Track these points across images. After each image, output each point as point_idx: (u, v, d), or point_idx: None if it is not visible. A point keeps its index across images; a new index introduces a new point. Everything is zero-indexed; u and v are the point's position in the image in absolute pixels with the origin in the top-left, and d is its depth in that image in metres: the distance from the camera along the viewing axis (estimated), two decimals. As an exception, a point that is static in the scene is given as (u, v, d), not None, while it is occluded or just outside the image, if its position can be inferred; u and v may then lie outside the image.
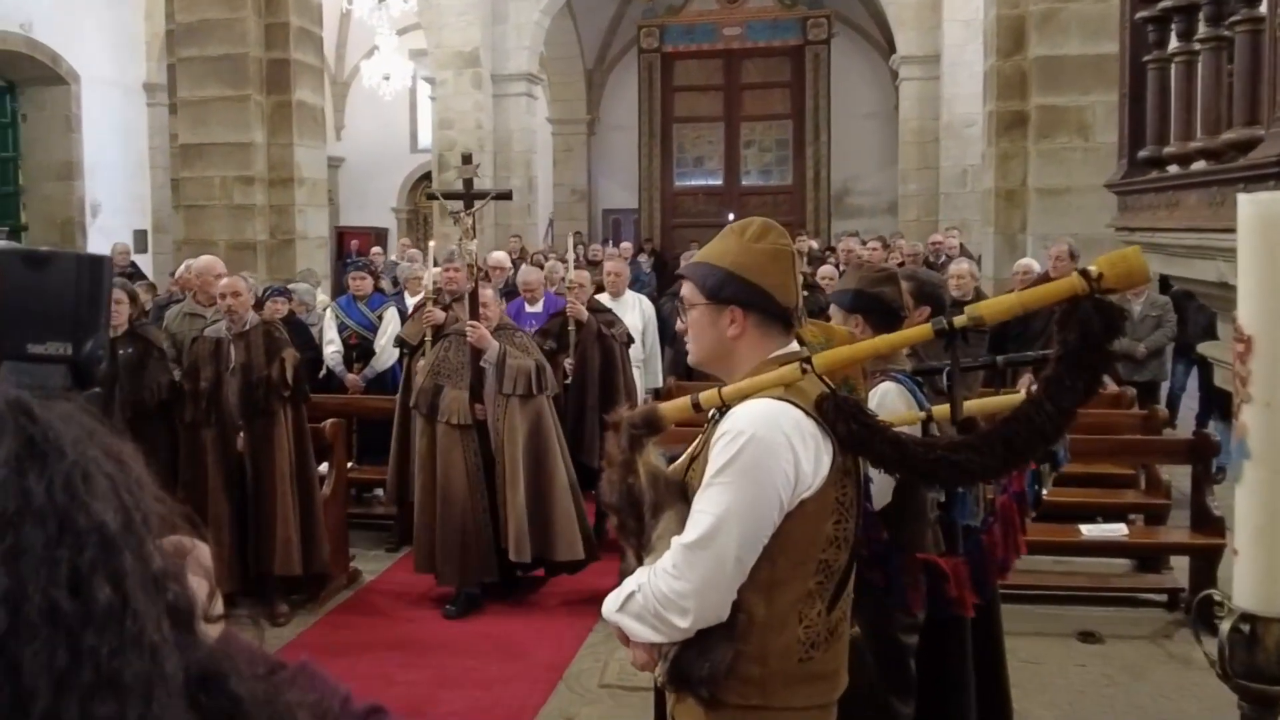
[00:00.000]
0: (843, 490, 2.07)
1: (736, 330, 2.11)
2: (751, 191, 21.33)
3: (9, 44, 14.55)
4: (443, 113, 16.72)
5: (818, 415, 2.01)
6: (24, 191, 15.97)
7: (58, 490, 0.63)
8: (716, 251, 2.17)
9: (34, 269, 1.09)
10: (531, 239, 17.33)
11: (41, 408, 0.67)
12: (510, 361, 5.70)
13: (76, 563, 0.62)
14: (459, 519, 5.66)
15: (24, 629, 0.58)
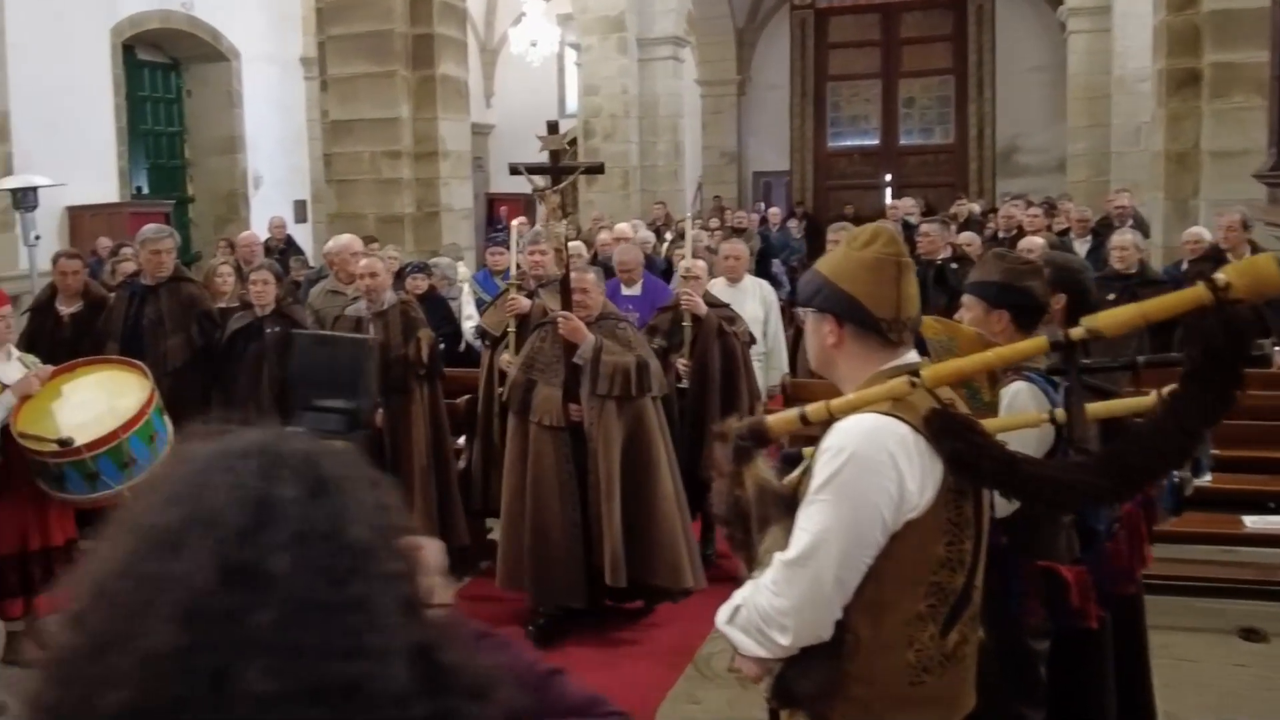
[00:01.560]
0: (956, 510, 2.00)
1: (834, 339, 2.08)
2: (910, 151, 20.80)
3: (172, 23, 15.31)
4: (588, 79, 16.82)
5: (927, 431, 1.96)
6: (190, 165, 16.86)
7: (333, 516, 0.88)
8: (826, 258, 2.17)
9: (321, 345, 1.35)
10: (678, 205, 17.31)
11: (324, 452, 0.93)
12: (606, 358, 5.11)
13: (339, 567, 0.86)
14: (548, 530, 5.14)
15: (305, 612, 0.83)
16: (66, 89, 13.11)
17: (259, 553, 0.83)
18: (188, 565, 0.82)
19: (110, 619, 0.82)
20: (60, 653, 0.84)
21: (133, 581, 0.83)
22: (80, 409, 4.98)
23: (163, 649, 0.79)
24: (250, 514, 0.85)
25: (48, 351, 5.71)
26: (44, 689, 0.84)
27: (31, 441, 4.76)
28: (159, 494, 0.88)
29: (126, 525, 0.88)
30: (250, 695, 0.79)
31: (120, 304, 6.22)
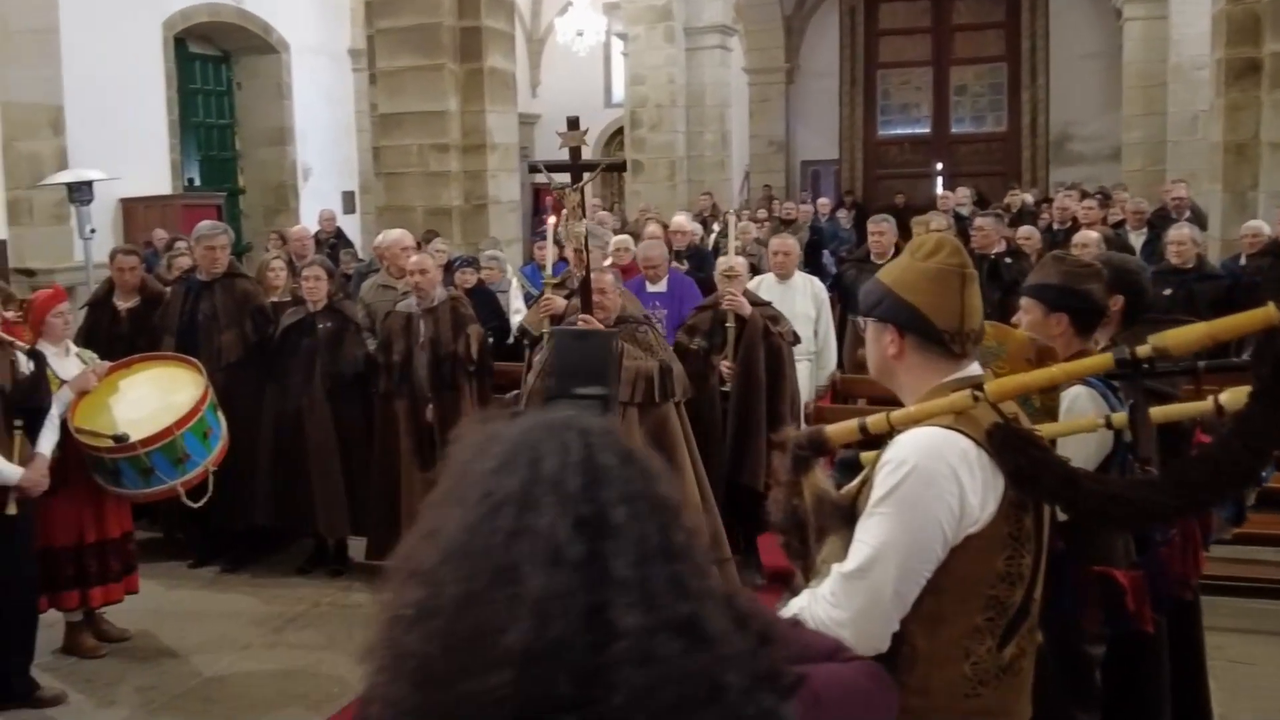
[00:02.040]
0: (1017, 524, 1.98)
1: (894, 350, 2.06)
2: (961, 139, 20.59)
3: (223, 16, 15.48)
4: (635, 69, 16.79)
5: (989, 446, 1.94)
6: (241, 156, 17.06)
7: (643, 478, 1.03)
8: (888, 267, 2.15)
9: (578, 340, 1.55)
10: (725, 195, 17.25)
11: (613, 427, 1.09)
12: (626, 363, 4.87)
13: (661, 520, 1.01)
14: None
15: (649, 557, 0.97)
16: (119, 83, 13.31)
17: (600, 507, 0.99)
18: (546, 520, 0.97)
19: (476, 574, 0.96)
20: (414, 610, 0.97)
21: (499, 537, 0.97)
22: (136, 405, 5.07)
23: (542, 593, 0.93)
24: (585, 476, 1.00)
25: (105, 346, 5.82)
26: (407, 640, 0.95)
27: (88, 437, 4.85)
28: (484, 467, 1.03)
29: (456, 498, 1.03)
30: (622, 629, 0.93)
31: (176, 299, 6.31)
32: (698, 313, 5.97)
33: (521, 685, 0.91)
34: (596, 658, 0.93)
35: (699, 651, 0.96)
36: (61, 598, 5.02)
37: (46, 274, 11.64)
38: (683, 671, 0.95)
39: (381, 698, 0.97)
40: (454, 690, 0.93)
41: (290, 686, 4.77)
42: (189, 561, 6.28)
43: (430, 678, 0.94)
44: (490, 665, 0.92)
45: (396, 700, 0.96)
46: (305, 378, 6.08)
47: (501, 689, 0.91)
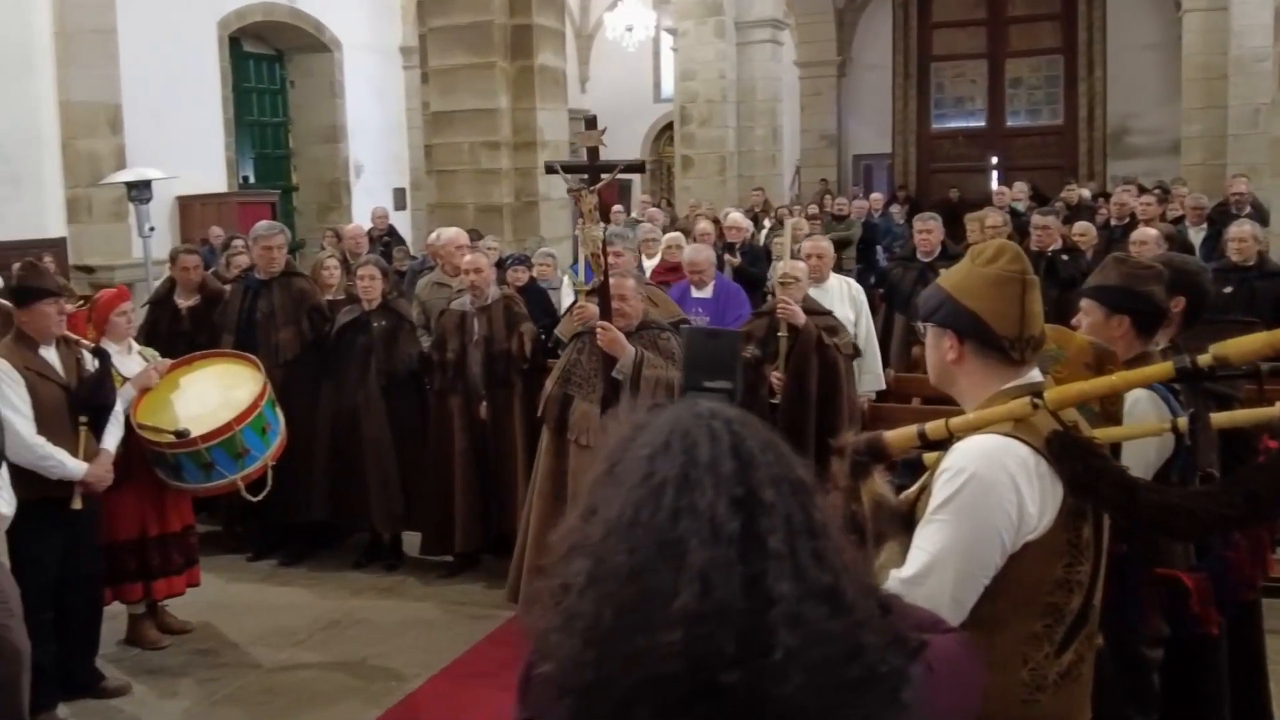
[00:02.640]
0: (1075, 532, 1.99)
1: (954, 355, 2.07)
2: (1017, 133, 20.38)
3: (276, 15, 15.71)
4: (685, 64, 16.79)
5: (1048, 454, 1.96)
6: (294, 154, 17.31)
7: (783, 461, 1.15)
8: (949, 272, 2.15)
9: (708, 337, 1.84)
10: (776, 190, 17.22)
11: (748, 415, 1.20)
12: (647, 372, 4.77)
13: (804, 498, 1.13)
14: None
15: (798, 531, 1.10)
16: (175, 82, 13.56)
17: (752, 488, 1.10)
18: (706, 499, 1.09)
19: (644, 546, 1.08)
20: (584, 577, 1.10)
21: (663, 515, 1.09)
22: (196, 401, 5.19)
23: (705, 564, 1.05)
24: (735, 460, 1.12)
25: (166, 344, 5.96)
26: (579, 604, 1.08)
27: (150, 432, 4.98)
28: (640, 453, 1.15)
29: (614, 481, 1.15)
30: (776, 596, 1.06)
31: (235, 298, 6.45)
32: (754, 319, 5.81)
33: (690, 643, 1.03)
34: (756, 621, 1.05)
35: (840, 616, 1.09)
36: (125, 590, 5.16)
37: (105, 270, 11.92)
38: (828, 633, 1.07)
39: (554, 654, 1.10)
40: (626, 646, 1.04)
41: (347, 680, 4.86)
42: (247, 555, 6.41)
43: (601, 636, 1.06)
44: (661, 625, 1.04)
45: (569, 656, 1.08)
46: (360, 375, 6.19)
47: (672, 646, 1.03)
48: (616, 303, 4.89)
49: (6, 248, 11.40)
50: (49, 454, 4.41)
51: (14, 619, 4.06)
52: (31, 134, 12.10)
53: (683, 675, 1.03)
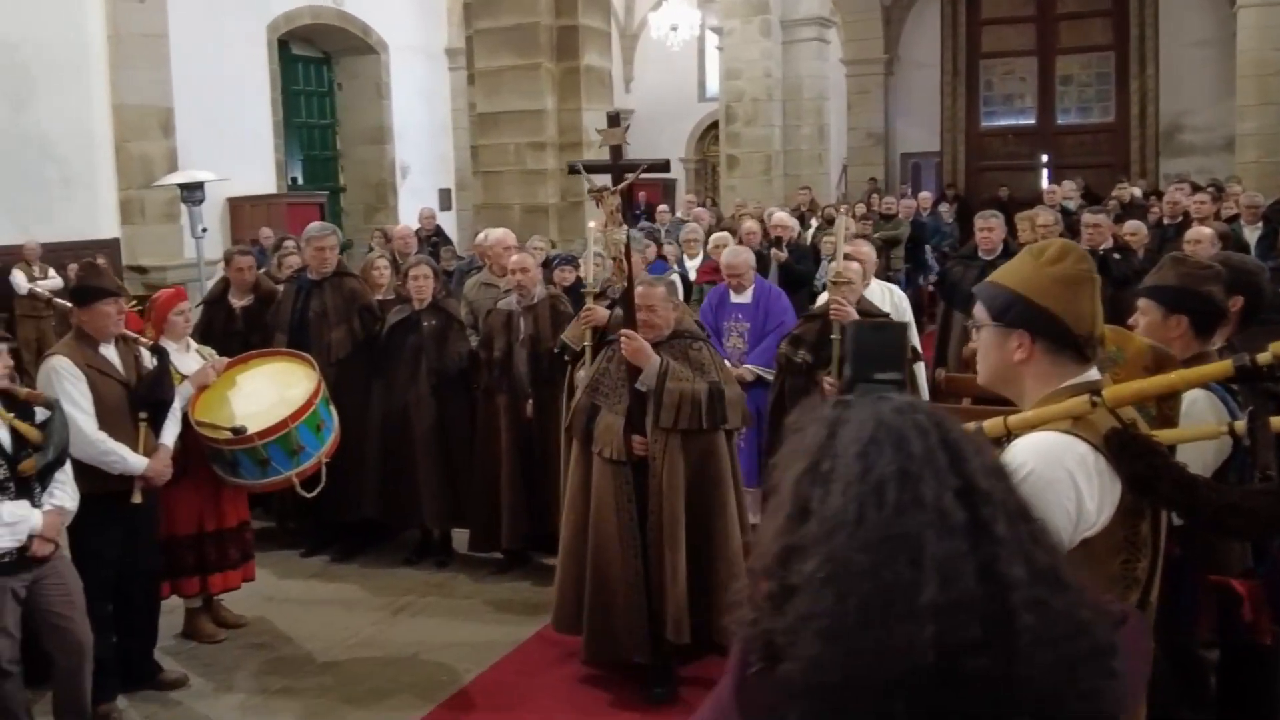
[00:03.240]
0: (1133, 529, 2.00)
1: (1023, 355, 2.06)
2: (1068, 130, 20.21)
3: (324, 18, 15.94)
4: (730, 63, 16.83)
5: (1107, 451, 1.97)
6: (341, 155, 17.56)
7: (984, 450, 1.18)
8: (1009, 271, 2.13)
9: (875, 330, 1.88)
10: (822, 189, 17.20)
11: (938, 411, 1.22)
12: (671, 385, 4.52)
13: (1011, 486, 1.17)
14: (607, 574, 4.60)
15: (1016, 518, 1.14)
16: (225, 85, 13.82)
17: (968, 479, 1.14)
18: (931, 492, 1.12)
19: (874, 543, 1.10)
20: (806, 579, 1.12)
21: (888, 511, 1.11)
22: (252, 399, 5.30)
23: (942, 556, 1.09)
24: (947, 452, 1.15)
25: (221, 343, 6.08)
26: (813, 604, 1.10)
27: (207, 429, 5.09)
28: (848, 451, 1.17)
29: (820, 480, 1.17)
30: (1012, 581, 1.09)
31: (288, 298, 6.57)
32: (805, 322, 5.53)
33: (939, 635, 1.06)
34: (996, 606, 1.08)
35: (1062, 594, 1.13)
36: (182, 584, 5.27)
37: (158, 271, 12.17)
38: (1059, 612, 1.11)
39: (786, 657, 1.12)
40: (873, 643, 1.07)
41: (400, 674, 4.94)
42: (300, 551, 6.53)
43: (846, 634, 1.09)
44: (908, 619, 1.07)
45: (808, 656, 1.10)
46: (411, 374, 6.28)
47: (922, 639, 1.06)
48: (644, 314, 4.62)
49: (61, 249, 11.71)
50: (110, 449, 4.52)
51: (76, 611, 4.19)
52: (85, 137, 12.38)
53: (933, 666, 1.06)
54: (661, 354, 4.59)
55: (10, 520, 3.94)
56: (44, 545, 4.05)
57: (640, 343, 4.54)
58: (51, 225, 11.74)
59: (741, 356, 6.31)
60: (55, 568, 4.14)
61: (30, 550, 4.00)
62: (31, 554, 4.01)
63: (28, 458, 4.03)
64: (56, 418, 4.14)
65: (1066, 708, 1.09)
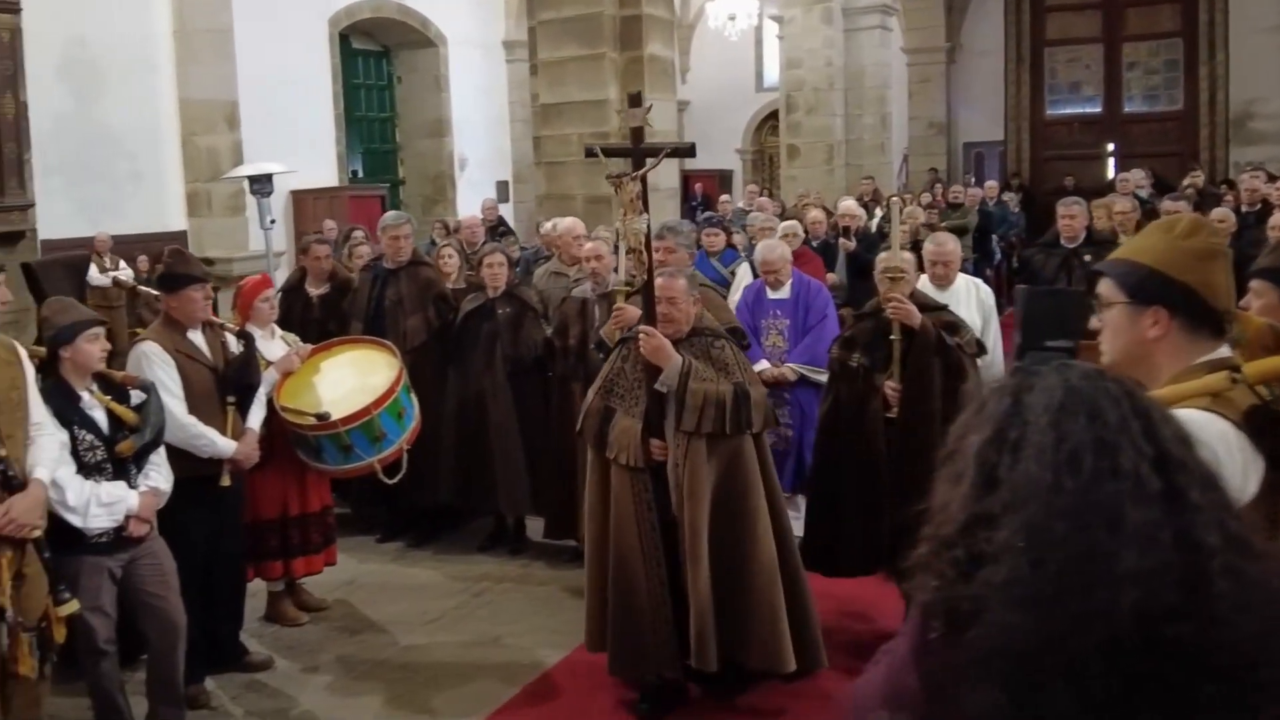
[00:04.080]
0: (1274, 505, 1.98)
1: (1159, 332, 2.03)
2: (1135, 119, 19.90)
3: (384, 12, 16.10)
4: (791, 52, 16.77)
5: (1247, 428, 1.94)
6: (400, 149, 17.71)
7: (1169, 419, 1.20)
8: (1140, 247, 2.11)
9: (1049, 296, 1.73)
10: (885, 179, 17.10)
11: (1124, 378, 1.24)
12: (694, 385, 4.20)
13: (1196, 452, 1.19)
14: (631, 586, 4.32)
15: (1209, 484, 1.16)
16: (288, 79, 13.99)
17: (1161, 446, 1.16)
18: (1129, 461, 1.14)
19: (1073, 511, 1.13)
20: (1001, 546, 1.14)
21: (1085, 479, 1.14)
22: (336, 385, 5.39)
23: (1141, 523, 1.11)
24: (1140, 420, 1.18)
25: (298, 330, 6.17)
26: (1011, 572, 1.12)
27: (292, 415, 5.18)
28: (1039, 421, 1.18)
29: (1008, 448, 1.18)
30: (1209, 548, 1.11)
31: (364, 286, 6.66)
32: (858, 321, 5.09)
33: (1139, 601, 1.09)
34: (1194, 573, 1.10)
35: (1255, 561, 1.15)
36: (266, 568, 5.38)
37: (224, 263, 12.37)
38: (1252, 579, 1.13)
39: (976, 623, 1.14)
40: (1073, 609, 1.10)
41: (483, 658, 5.01)
42: (376, 536, 6.63)
43: (1044, 601, 1.11)
44: (1108, 586, 1.10)
45: (1002, 623, 1.12)
46: (486, 361, 6.34)
47: (1122, 606, 1.09)
48: (664, 307, 4.31)
49: (130, 241, 11.95)
50: (200, 433, 4.62)
51: (171, 592, 4.28)
52: (153, 131, 12.61)
53: (1133, 632, 1.09)
54: (683, 353, 4.28)
55: (108, 500, 4.03)
56: (140, 525, 4.14)
57: (660, 340, 4.24)
58: (121, 218, 11.97)
59: (782, 355, 6.17)
60: (150, 548, 4.23)
61: (126, 530, 4.10)
62: (128, 534, 4.10)
63: (124, 439, 4.13)
64: (153, 400, 4.23)
65: (1259, 673, 1.10)
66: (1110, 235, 7.71)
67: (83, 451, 4.00)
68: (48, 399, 3.92)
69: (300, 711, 4.63)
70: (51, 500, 3.80)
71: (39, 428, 3.82)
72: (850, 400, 4.84)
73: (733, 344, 4.48)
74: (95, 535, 4.01)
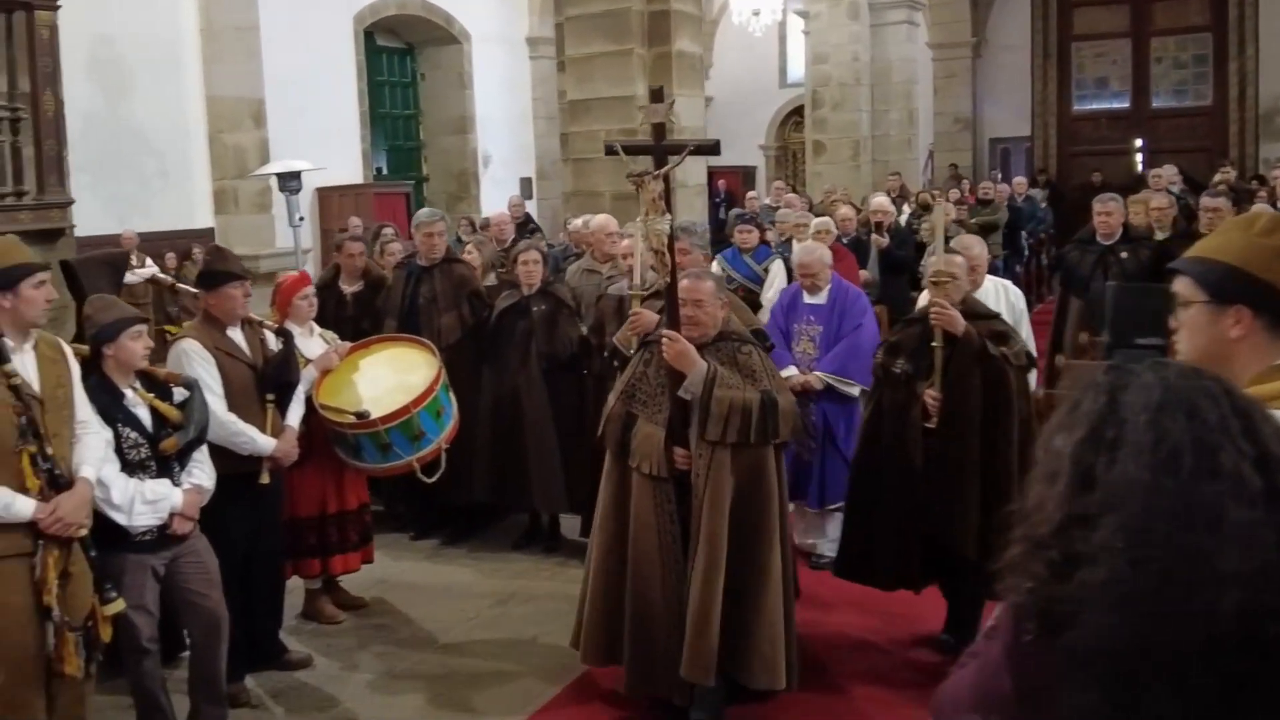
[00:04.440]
0: None
1: (1240, 332, 1.98)
2: (1163, 114, 19.77)
3: (408, 9, 16.12)
4: (817, 47, 16.72)
5: None
6: (424, 146, 17.74)
7: (1271, 420, 1.19)
8: (1218, 245, 2.06)
9: (1136, 295, 1.67)
10: (911, 175, 17.03)
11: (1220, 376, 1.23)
12: (719, 393, 4.03)
13: None
14: (648, 602, 4.14)
15: None
16: (314, 76, 14.03)
17: (1263, 444, 1.16)
18: (1230, 461, 1.13)
19: (1173, 512, 1.12)
20: (1100, 547, 1.14)
21: (1185, 478, 1.13)
22: (375, 384, 5.38)
23: (1243, 523, 1.11)
24: (1240, 419, 1.17)
25: (332, 328, 6.14)
26: (1111, 572, 1.13)
27: (331, 413, 5.17)
28: (1134, 420, 1.18)
29: (1104, 447, 1.18)
30: None
31: (398, 283, 6.66)
32: (905, 327, 4.96)
33: (1241, 602, 1.08)
34: None
35: None
36: (304, 565, 5.38)
37: (250, 260, 12.34)
38: None
39: (1074, 624, 1.14)
40: (1173, 610, 1.10)
41: (523, 657, 5.00)
42: (410, 534, 6.63)
43: (1143, 601, 1.11)
44: (1209, 586, 1.09)
45: (1101, 624, 1.12)
46: (521, 359, 6.32)
47: (1225, 607, 1.08)
48: (690, 309, 4.15)
49: (158, 238, 11.99)
50: (241, 430, 4.62)
51: (215, 590, 4.28)
52: (180, 129, 12.67)
53: (1234, 633, 1.08)
54: (708, 358, 4.12)
55: (152, 498, 4.02)
56: (184, 523, 4.13)
57: (684, 345, 4.08)
58: (148, 216, 12.02)
59: (812, 362, 5.98)
60: (193, 546, 4.23)
61: (170, 528, 4.10)
62: (171, 532, 4.10)
63: (168, 437, 4.13)
64: (196, 397, 4.22)
65: None
66: (1146, 232, 7.64)
67: (127, 449, 4.00)
68: (92, 397, 3.92)
69: (341, 710, 4.62)
70: (96, 498, 3.79)
71: (84, 425, 3.82)
72: (892, 407, 4.74)
73: (760, 349, 4.33)
74: (139, 533, 4.01)
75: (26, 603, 3.55)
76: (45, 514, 3.52)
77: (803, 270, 6.06)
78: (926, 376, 4.61)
